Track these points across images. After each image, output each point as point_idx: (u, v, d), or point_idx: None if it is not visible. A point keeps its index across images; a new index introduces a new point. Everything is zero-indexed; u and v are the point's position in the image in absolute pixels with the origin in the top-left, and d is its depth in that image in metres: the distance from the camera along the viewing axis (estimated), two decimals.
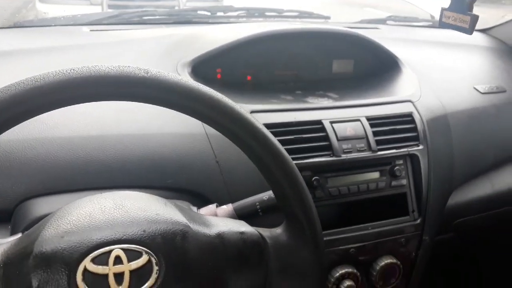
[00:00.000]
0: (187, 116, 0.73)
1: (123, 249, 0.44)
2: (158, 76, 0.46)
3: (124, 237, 0.45)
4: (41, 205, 0.64)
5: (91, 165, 0.67)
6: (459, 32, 1.42)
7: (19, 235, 0.50)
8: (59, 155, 0.66)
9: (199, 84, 0.48)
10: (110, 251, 0.44)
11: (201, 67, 0.87)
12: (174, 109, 0.48)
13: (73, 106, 0.72)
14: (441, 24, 0.75)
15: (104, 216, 0.47)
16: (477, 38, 1.36)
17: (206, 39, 0.94)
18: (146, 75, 0.46)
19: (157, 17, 1.14)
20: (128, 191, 0.52)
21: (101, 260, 0.44)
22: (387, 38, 1.14)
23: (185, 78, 0.48)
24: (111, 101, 0.74)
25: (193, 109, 0.48)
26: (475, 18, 0.68)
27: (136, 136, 0.71)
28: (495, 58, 1.26)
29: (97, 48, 0.94)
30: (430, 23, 1.46)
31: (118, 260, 0.44)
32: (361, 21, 1.34)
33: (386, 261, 0.83)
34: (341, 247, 0.81)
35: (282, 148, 0.51)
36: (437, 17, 1.53)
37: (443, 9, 0.77)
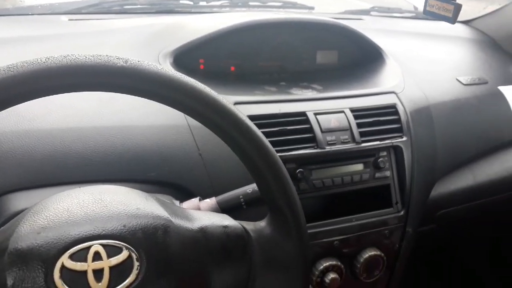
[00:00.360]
0: (169, 107, 0.73)
1: (102, 244, 0.43)
2: (137, 66, 0.44)
3: (104, 232, 0.44)
4: (18, 200, 0.62)
5: (70, 158, 0.65)
6: (441, 24, 1.43)
7: None
8: (37, 148, 0.64)
9: (180, 74, 0.46)
10: (88, 247, 0.43)
11: (184, 58, 0.85)
12: (155, 100, 0.46)
13: (51, 97, 0.70)
14: (425, 12, 0.75)
15: (82, 211, 0.45)
16: (459, 29, 1.37)
17: (188, 28, 0.92)
18: (125, 64, 0.44)
19: (138, 6, 1.11)
20: (107, 185, 0.51)
21: (80, 256, 0.42)
22: (371, 29, 1.14)
23: (166, 68, 0.46)
24: (91, 92, 0.73)
25: (174, 100, 0.46)
26: (459, 7, 0.68)
27: (117, 128, 0.69)
28: (477, 49, 1.27)
29: (75, 38, 0.91)
30: (414, 14, 1.47)
31: (97, 256, 0.43)
32: (345, 12, 1.34)
33: (370, 253, 0.83)
34: (325, 240, 0.80)
35: (265, 140, 0.50)
36: (420, 8, 1.54)
37: None
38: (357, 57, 1.04)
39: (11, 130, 0.65)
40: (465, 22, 1.40)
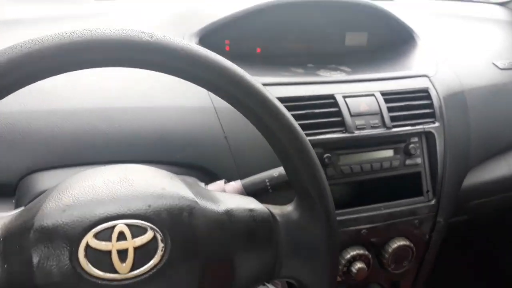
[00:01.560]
0: (195, 89, 0.71)
1: (127, 224, 0.42)
2: (163, 40, 0.42)
3: (128, 212, 0.43)
4: (45, 179, 0.62)
5: (97, 138, 0.65)
6: (476, 6, 1.36)
7: (21, 209, 0.48)
8: (64, 127, 0.64)
9: (206, 50, 0.44)
10: (113, 227, 0.42)
11: (209, 38, 0.83)
12: (179, 77, 0.44)
13: (78, 76, 0.70)
14: None
15: (107, 190, 0.44)
16: (496, 11, 1.30)
17: (214, 8, 0.90)
18: (150, 39, 0.42)
19: None
20: (133, 164, 0.49)
21: (104, 235, 0.41)
22: (402, 10, 1.09)
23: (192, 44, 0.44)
24: (117, 72, 0.73)
25: (199, 77, 0.44)
26: None
27: (143, 109, 0.68)
28: None
29: (100, 19, 0.90)
30: None
31: (122, 236, 0.42)
32: None
33: (398, 243, 0.81)
34: (352, 228, 0.78)
35: (294, 122, 0.48)
36: None
37: None
38: (388, 39, 1.00)
39: (39, 109, 0.64)
40: (502, 4, 1.34)
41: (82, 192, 0.44)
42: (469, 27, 1.17)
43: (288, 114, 0.48)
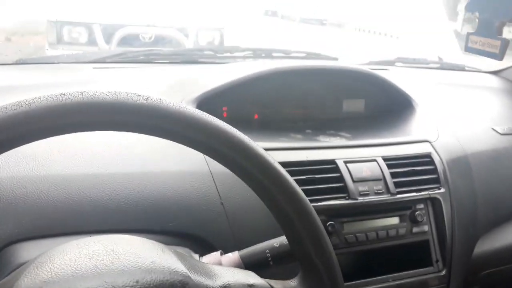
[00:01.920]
0: (190, 153, 0.69)
1: None
2: (158, 103, 0.41)
3: None
4: (29, 250, 0.57)
5: (85, 205, 0.61)
6: (469, 74, 1.39)
7: None
8: (51, 194, 0.61)
9: (204, 113, 0.43)
10: None
11: (207, 105, 0.83)
12: (175, 140, 0.42)
13: (69, 141, 0.68)
14: (467, 49, 0.71)
15: (91, 263, 0.40)
16: (488, 79, 1.33)
17: (212, 76, 0.91)
18: (145, 102, 0.40)
19: (163, 56, 1.11)
20: (120, 235, 0.46)
21: None
22: (397, 78, 1.11)
23: (189, 108, 0.43)
24: (109, 137, 0.71)
25: (196, 140, 0.42)
26: (506, 43, 0.64)
27: (135, 175, 0.65)
28: (509, 99, 1.21)
29: (98, 84, 0.90)
30: (439, 65, 1.44)
31: None
32: (370, 63, 1.32)
33: None
34: None
35: (297, 186, 0.45)
36: (445, 59, 1.52)
37: (469, 34, 0.72)
38: (385, 106, 1.00)
39: (26, 175, 0.62)
40: (495, 73, 1.37)
41: (63, 266, 0.39)
42: (465, 94, 1.19)
43: (289, 178, 0.45)
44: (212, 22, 3.25)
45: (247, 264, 0.55)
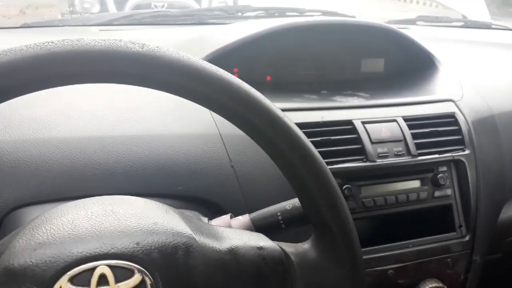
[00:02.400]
0: (198, 114, 0.66)
1: (110, 265, 0.35)
2: (155, 51, 0.37)
3: (112, 250, 0.36)
4: (34, 214, 0.55)
5: (91, 169, 0.59)
6: (494, 32, 1.31)
7: None
8: (55, 157, 0.58)
9: (206, 62, 0.39)
10: (93, 268, 0.35)
11: (216, 65, 0.79)
12: (174, 93, 0.39)
13: (73, 103, 0.65)
14: None
15: (89, 225, 0.37)
16: None
17: (221, 36, 0.86)
18: (141, 49, 0.37)
19: (171, 17, 1.07)
20: (122, 196, 0.43)
21: (82, 279, 0.34)
22: (419, 37, 1.05)
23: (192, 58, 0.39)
24: (114, 99, 0.68)
25: (200, 93, 0.39)
26: None
27: (142, 137, 0.62)
28: None
29: None
30: (463, 23, 1.36)
31: (103, 280, 0.35)
32: (389, 22, 1.25)
33: (430, 285, 0.72)
34: (377, 268, 0.70)
35: (311, 146, 0.42)
36: (470, 17, 1.44)
37: None
38: (406, 65, 0.94)
39: (29, 138, 0.59)
40: None
41: (60, 227, 0.37)
42: (491, 53, 1.12)
43: (304, 137, 0.41)
44: None
45: (258, 227, 0.52)
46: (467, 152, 0.76)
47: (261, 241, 0.43)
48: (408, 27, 1.25)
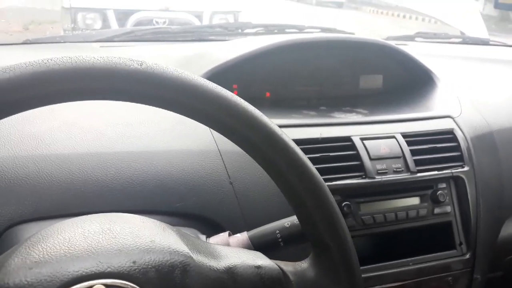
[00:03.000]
0: (197, 131, 0.66)
1: (106, 285, 0.35)
2: (153, 69, 0.37)
3: (109, 269, 0.35)
4: (31, 231, 0.55)
5: (90, 185, 0.59)
6: (493, 48, 1.32)
7: None
8: (54, 174, 0.58)
9: (202, 78, 0.39)
10: None
11: (216, 83, 0.79)
12: (172, 110, 0.39)
13: (73, 120, 0.65)
14: (497, 6, 0.66)
15: (85, 243, 0.37)
16: None
17: (220, 52, 0.87)
18: (139, 67, 0.37)
19: (171, 34, 1.08)
20: (119, 213, 0.43)
21: None
22: (417, 53, 1.05)
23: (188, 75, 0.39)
24: (113, 115, 0.68)
25: (197, 109, 0.39)
26: None
27: (140, 154, 0.63)
28: None
29: None
30: (461, 40, 1.37)
31: None
32: (388, 38, 1.26)
33: None
34: (377, 287, 0.69)
35: (309, 163, 0.41)
36: (468, 33, 1.45)
37: None
38: (404, 82, 0.95)
39: (28, 154, 0.59)
40: None
41: (56, 245, 0.37)
42: (490, 69, 1.13)
43: (302, 154, 0.41)
44: (227, 5, 3.21)
45: (256, 245, 0.52)
46: (466, 168, 0.75)
47: (259, 259, 0.43)
48: (407, 43, 1.26)
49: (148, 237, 0.39)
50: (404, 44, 1.23)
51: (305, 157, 0.42)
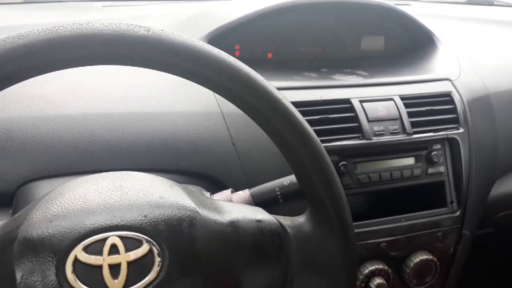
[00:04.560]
0: (201, 93, 0.68)
1: (120, 236, 0.38)
2: (160, 35, 0.39)
3: (122, 222, 0.39)
4: (43, 188, 0.58)
5: (97, 145, 0.61)
6: (498, 9, 1.31)
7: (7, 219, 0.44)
8: (63, 134, 0.61)
9: (208, 45, 0.41)
10: (105, 239, 0.38)
11: (218, 43, 0.79)
12: (178, 74, 0.41)
13: (80, 82, 0.67)
14: None
15: (100, 199, 0.40)
16: None
17: (223, 12, 0.87)
18: (146, 33, 0.39)
19: None
20: (129, 172, 0.46)
21: (95, 249, 0.37)
22: (419, 14, 1.05)
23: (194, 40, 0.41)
24: (120, 76, 0.70)
25: (201, 74, 0.40)
26: None
27: (146, 114, 0.65)
28: None
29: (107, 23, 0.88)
30: (467, 0, 1.36)
31: (114, 250, 0.38)
32: None
33: (421, 257, 0.75)
34: (370, 241, 0.73)
35: (308, 125, 0.44)
36: None
37: None
38: (405, 43, 0.95)
39: (38, 115, 0.62)
40: None
41: (72, 201, 0.40)
42: (492, 30, 1.12)
43: (300, 117, 0.43)
44: None
45: (257, 201, 0.55)
46: (461, 130, 0.78)
47: (260, 214, 0.46)
48: (410, 3, 1.25)
49: (158, 193, 0.42)
50: (407, 4, 1.22)
51: (303, 120, 0.44)
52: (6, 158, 0.58)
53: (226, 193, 0.56)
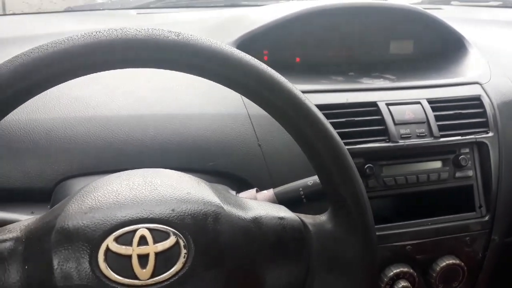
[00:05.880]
0: (229, 96, 0.70)
1: (149, 228, 0.41)
2: (190, 39, 0.41)
3: (151, 215, 0.41)
4: (80, 185, 0.62)
5: (130, 145, 0.65)
6: None
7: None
8: (99, 134, 0.64)
9: (236, 49, 0.43)
10: (135, 231, 0.40)
11: (247, 48, 0.81)
12: (207, 78, 0.43)
13: (115, 84, 0.71)
14: None
15: (131, 193, 0.43)
16: None
17: (252, 18, 0.89)
18: (177, 38, 0.41)
19: (205, 0, 1.11)
20: (159, 169, 0.48)
21: (125, 239, 0.40)
22: (451, 18, 1.04)
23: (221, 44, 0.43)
24: (152, 80, 0.73)
25: (230, 78, 0.43)
26: None
27: (177, 116, 0.68)
28: None
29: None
30: (501, 3, 1.33)
31: (143, 241, 0.40)
32: (422, 2, 1.24)
33: (447, 262, 0.74)
34: (396, 244, 0.73)
35: (331, 128, 0.45)
36: None
37: None
38: (435, 47, 0.94)
39: (76, 116, 0.65)
40: None
41: (105, 195, 0.43)
42: None
43: (324, 120, 0.45)
44: None
45: (281, 200, 0.57)
46: (490, 134, 0.77)
47: (282, 212, 0.48)
48: (442, 7, 1.24)
49: (185, 189, 0.44)
50: (438, 8, 1.21)
51: (326, 121, 0.45)
52: (47, 157, 0.62)
53: (251, 192, 0.58)
